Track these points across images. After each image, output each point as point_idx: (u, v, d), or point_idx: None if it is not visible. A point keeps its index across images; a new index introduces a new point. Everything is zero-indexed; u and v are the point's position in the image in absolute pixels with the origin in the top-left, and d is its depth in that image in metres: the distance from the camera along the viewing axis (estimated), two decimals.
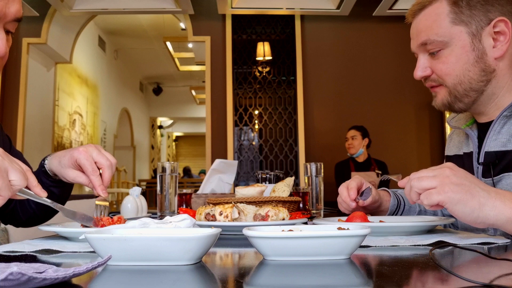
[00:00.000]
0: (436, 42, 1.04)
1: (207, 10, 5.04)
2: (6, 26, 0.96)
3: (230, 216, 1.04)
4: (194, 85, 11.10)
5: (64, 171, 1.06)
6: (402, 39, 5.17)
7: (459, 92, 1.05)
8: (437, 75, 1.07)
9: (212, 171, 2.21)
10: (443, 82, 1.06)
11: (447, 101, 1.07)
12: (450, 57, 1.04)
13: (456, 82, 1.04)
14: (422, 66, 1.08)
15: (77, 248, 0.80)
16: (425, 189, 0.81)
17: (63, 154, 1.07)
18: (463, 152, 1.18)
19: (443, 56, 1.04)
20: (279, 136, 5.00)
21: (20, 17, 0.97)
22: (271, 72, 5.05)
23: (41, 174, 1.13)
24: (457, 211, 0.79)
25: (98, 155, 1.03)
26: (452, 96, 1.06)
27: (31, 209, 1.19)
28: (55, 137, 6.29)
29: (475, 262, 0.66)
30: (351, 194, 1.20)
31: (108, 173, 1.03)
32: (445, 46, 1.04)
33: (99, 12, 5.20)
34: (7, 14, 0.94)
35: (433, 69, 1.07)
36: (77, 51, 6.55)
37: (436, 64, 1.06)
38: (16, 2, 0.96)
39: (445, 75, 1.05)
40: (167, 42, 8.11)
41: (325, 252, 0.64)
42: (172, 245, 0.60)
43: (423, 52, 1.08)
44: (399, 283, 0.53)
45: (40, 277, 0.45)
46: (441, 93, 1.08)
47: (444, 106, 1.09)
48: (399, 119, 5.11)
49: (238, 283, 0.54)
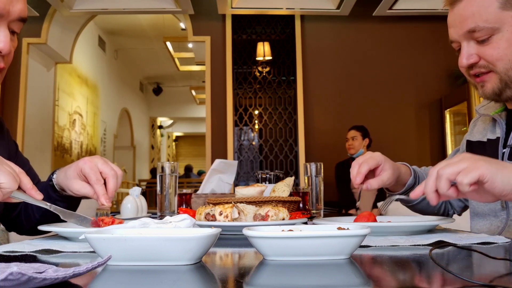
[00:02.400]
0: (486, 29, 1.00)
1: (207, 10, 5.04)
2: (10, 26, 0.95)
3: (230, 216, 1.04)
4: (194, 85, 11.10)
5: (70, 183, 1.05)
6: (402, 39, 5.18)
7: (510, 78, 1.02)
8: (487, 61, 1.02)
9: (212, 171, 2.21)
10: (493, 68, 1.02)
11: (498, 88, 1.04)
12: (501, 42, 1.00)
13: (508, 67, 1.01)
14: (467, 53, 1.03)
15: (77, 248, 0.80)
16: (457, 172, 0.78)
17: (68, 167, 1.07)
18: (487, 139, 1.17)
19: (493, 42, 1.00)
20: (279, 136, 5.00)
21: (24, 17, 0.97)
22: (271, 72, 5.05)
23: (49, 188, 1.12)
24: (497, 181, 0.77)
25: (103, 165, 1.02)
26: (503, 82, 1.03)
27: (35, 218, 1.18)
28: (55, 137, 6.29)
29: (475, 262, 0.66)
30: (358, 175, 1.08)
31: (113, 182, 1.02)
32: (495, 32, 1.00)
33: (99, 12, 5.20)
34: (11, 12, 0.93)
35: (482, 55, 1.03)
36: (77, 51, 6.55)
37: (486, 50, 1.02)
38: (21, 1, 0.95)
39: (497, 60, 1.01)
40: (167, 42, 8.11)
41: (325, 252, 0.64)
42: (172, 245, 0.60)
43: (468, 39, 1.03)
44: (399, 283, 0.53)
45: (40, 277, 0.45)
46: (491, 81, 1.04)
47: (494, 95, 1.05)
48: (399, 119, 5.11)
49: (238, 283, 0.54)
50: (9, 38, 0.94)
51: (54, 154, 6.20)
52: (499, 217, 1.13)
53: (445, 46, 4.45)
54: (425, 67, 5.12)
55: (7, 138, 1.22)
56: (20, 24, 0.97)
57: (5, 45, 0.93)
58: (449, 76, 5.04)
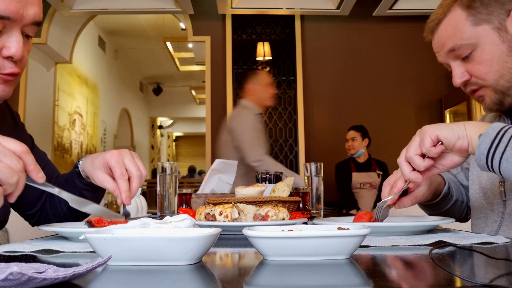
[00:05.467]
0: (464, 46, 1.04)
1: (207, 10, 5.04)
2: (24, 30, 0.92)
3: (230, 216, 1.04)
4: (194, 85, 11.10)
5: (95, 173, 1.01)
6: (402, 39, 5.18)
7: (504, 86, 1.04)
8: (476, 76, 1.06)
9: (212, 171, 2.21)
10: (484, 82, 1.06)
11: (496, 99, 1.06)
12: (483, 55, 1.04)
13: (498, 77, 1.04)
14: (459, 72, 1.09)
15: (77, 248, 0.80)
16: (417, 146, 0.92)
17: (96, 155, 1.04)
18: None
19: (476, 57, 1.05)
20: (279, 136, 5.00)
21: (39, 21, 0.93)
22: (271, 72, 5.05)
23: (74, 175, 1.10)
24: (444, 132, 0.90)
25: (130, 161, 0.99)
26: (498, 92, 1.05)
27: (62, 211, 1.16)
28: (55, 137, 6.29)
29: (475, 262, 0.66)
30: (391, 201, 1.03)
31: (137, 183, 0.98)
32: (475, 47, 1.04)
33: (99, 12, 5.20)
34: (25, 16, 0.89)
35: (471, 72, 1.07)
36: (77, 51, 6.55)
37: (472, 66, 1.06)
38: (35, 5, 0.92)
39: (485, 74, 1.04)
40: (167, 42, 8.11)
41: (325, 252, 0.64)
42: (172, 245, 0.60)
43: (453, 59, 1.09)
44: (399, 283, 0.53)
45: (40, 277, 0.45)
46: (488, 94, 1.07)
47: (495, 105, 1.08)
48: (399, 119, 5.11)
49: (238, 283, 0.54)
50: (22, 43, 0.91)
51: (54, 154, 6.20)
52: (495, 211, 1.14)
53: None
54: (425, 67, 5.12)
55: (22, 132, 1.20)
56: (34, 28, 0.94)
57: (17, 51, 0.90)
58: (449, 76, 5.00)
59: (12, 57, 0.90)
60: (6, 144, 0.70)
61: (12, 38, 0.89)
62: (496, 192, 1.14)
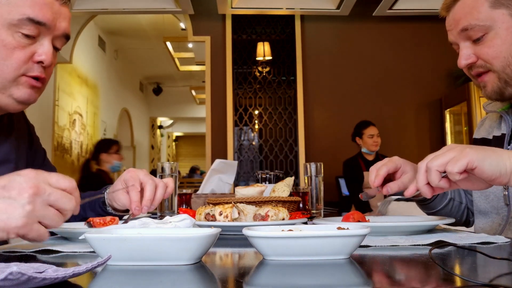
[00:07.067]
0: (478, 27, 1.02)
1: (207, 10, 5.04)
2: (54, 42, 0.97)
3: (230, 216, 1.04)
4: (194, 85, 11.09)
5: (115, 194, 1.08)
6: (402, 39, 5.18)
7: (509, 75, 1.03)
8: (484, 59, 1.04)
9: (212, 171, 2.21)
10: (490, 67, 1.04)
11: (498, 87, 1.05)
12: (495, 40, 1.02)
13: (505, 65, 1.02)
14: (465, 54, 1.06)
15: (77, 248, 0.80)
16: (445, 163, 0.79)
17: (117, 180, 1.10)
18: (492, 136, 1.18)
19: (488, 40, 1.02)
20: (279, 136, 5.00)
21: (68, 34, 0.99)
22: (271, 72, 5.05)
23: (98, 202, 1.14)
24: (486, 167, 0.78)
25: (145, 176, 1.03)
26: (502, 81, 1.04)
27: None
28: (55, 137, 6.29)
29: (475, 262, 0.66)
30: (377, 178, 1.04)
31: (149, 190, 1.01)
32: (488, 30, 1.02)
33: (99, 12, 5.20)
34: (58, 27, 0.96)
35: (478, 54, 1.05)
36: (77, 51, 6.55)
37: (481, 49, 1.04)
38: (67, 20, 0.98)
39: (493, 59, 1.03)
40: (167, 42, 8.11)
41: (325, 252, 0.64)
42: (172, 245, 0.60)
43: (464, 39, 1.06)
44: (399, 283, 0.53)
45: (40, 277, 0.45)
46: (490, 80, 1.06)
47: (495, 94, 1.06)
48: (399, 119, 5.11)
49: (238, 283, 0.54)
50: (52, 52, 0.96)
51: (54, 154, 6.20)
52: (500, 214, 1.13)
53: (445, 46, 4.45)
54: (425, 67, 5.12)
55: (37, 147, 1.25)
56: (63, 41, 0.99)
57: (47, 57, 0.94)
58: (449, 76, 5.04)
59: (42, 62, 0.95)
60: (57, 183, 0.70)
61: (44, 46, 0.95)
62: (500, 196, 1.14)
